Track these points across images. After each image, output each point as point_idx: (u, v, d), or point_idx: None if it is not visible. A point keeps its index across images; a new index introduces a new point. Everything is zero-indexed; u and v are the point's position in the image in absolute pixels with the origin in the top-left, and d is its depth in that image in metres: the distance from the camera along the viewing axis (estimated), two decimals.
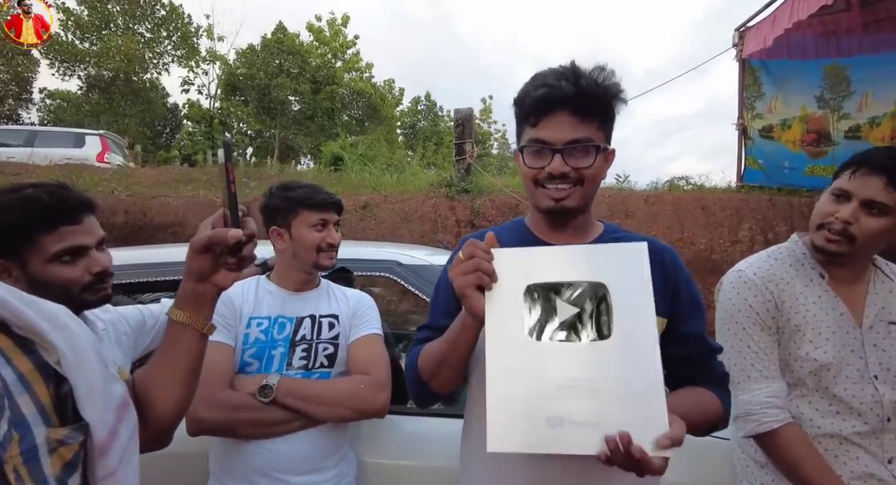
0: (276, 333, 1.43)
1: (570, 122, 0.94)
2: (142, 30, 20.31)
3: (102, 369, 0.71)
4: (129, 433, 0.73)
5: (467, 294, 0.83)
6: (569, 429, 0.75)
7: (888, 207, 1.16)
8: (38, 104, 20.67)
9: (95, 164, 9.30)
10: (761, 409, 1.22)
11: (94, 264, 1.08)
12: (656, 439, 0.73)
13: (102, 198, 5.69)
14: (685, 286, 1.03)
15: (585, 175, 0.96)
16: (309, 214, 1.48)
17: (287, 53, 20.37)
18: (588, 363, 0.77)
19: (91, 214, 1.12)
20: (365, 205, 5.68)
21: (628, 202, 5.88)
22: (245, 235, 0.79)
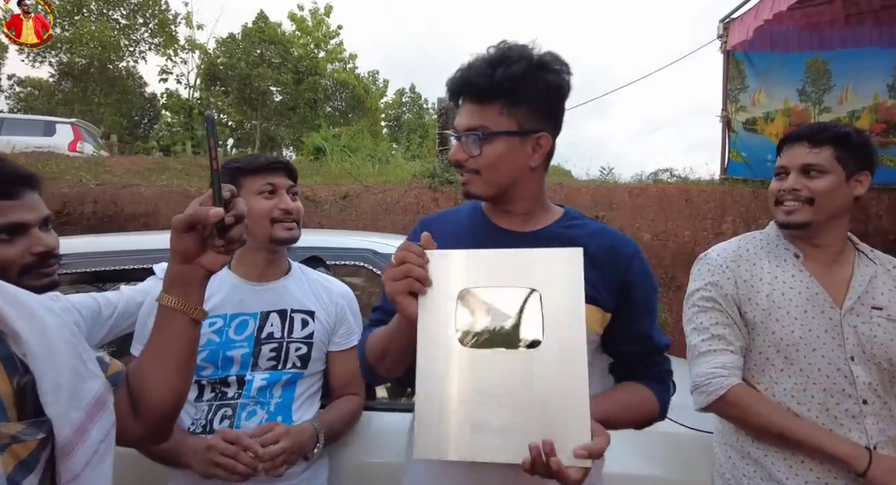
0: (234, 332, 1.28)
1: (470, 108, 0.95)
2: (116, 16, 19.66)
3: (76, 364, 0.68)
4: (101, 435, 0.69)
5: (398, 300, 0.82)
6: (493, 437, 0.74)
7: (823, 166, 1.22)
8: (6, 91, 20.02)
9: (67, 153, 8.98)
10: (707, 379, 1.24)
11: (36, 244, 0.97)
12: (575, 449, 0.72)
13: (70, 187, 5.47)
14: (639, 283, 1.00)
15: (478, 164, 0.95)
16: (252, 181, 1.29)
17: (268, 43, 20.03)
18: (516, 371, 0.76)
19: (33, 191, 1.01)
20: (346, 195, 5.55)
21: (613, 195, 5.85)
22: (233, 215, 0.77)
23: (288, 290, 1.36)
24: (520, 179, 0.98)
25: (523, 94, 0.93)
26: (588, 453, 0.72)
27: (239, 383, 1.26)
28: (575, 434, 0.73)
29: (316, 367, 1.35)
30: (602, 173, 7.68)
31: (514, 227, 1.02)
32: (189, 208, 0.76)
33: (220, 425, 1.23)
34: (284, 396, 1.29)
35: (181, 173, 6.51)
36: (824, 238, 1.28)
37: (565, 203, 1.12)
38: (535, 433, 0.73)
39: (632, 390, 1.00)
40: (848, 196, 1.24)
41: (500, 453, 0.74)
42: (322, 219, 5.31)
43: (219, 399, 1.26)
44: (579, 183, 6.60)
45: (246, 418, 1.24)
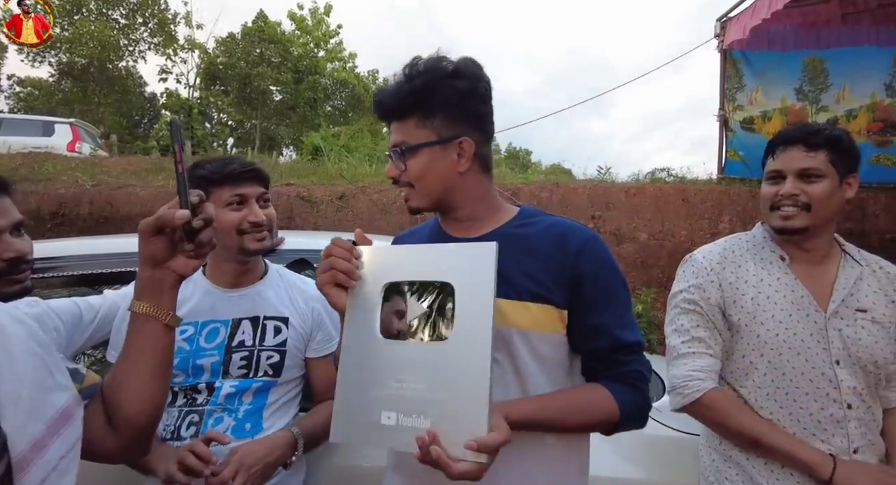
0: (204, 340, 1.27)
1: (393, 127, 0.99)
2: (116, 15, 19.62)
3: (43, 376, 0.67)
4: (63, 451, 0.67)
5: (325, 291, 0.87)
6: (400, 425, 0.77)
7: (820, 170, 1.21)
8: (6, 91, 20.02)
9: (65, 153, 8.96)
10: (683, 382, 1.24)
11: (5, 249, 0.95)
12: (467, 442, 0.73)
13: (66, 188, 5.47)
14: (592, 275, 0.94)
15: (409, 177, 0.98)
16: (220, 192, 1.26)
17: (268, 42, 20.00)
18: (424, 362, 0.79)
19: (4, 196, 0.99)
20: (342, 195, 5.55)
21: (609, 194, 5.83)
22: (201, 218, 0.76)
23: (262, 295, 1.34)
24: (453, 185, 0.99)
25: (434, 104, 0.95)
26: (478, 446, 0.71)
27: (209, 389, 1.25)
28: (470, 427, 0.73)
29: (292, 374, 1.33)
30: (599, 173, 7.67)
31: (461, 233, 1.03)
32: (157, 212, 0.76)
33: (186, 432, 1.22)
34: (255, 403, 1.28)
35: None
36: (815, 242, 1.26)
37: (563, 203, 1.13)
38: (435, 424, 0.75)
39: (583, 391, 0.95)
40: (841, 200, 1.23)
41: (403, 442, 0.76)
42: (318, 219, 5.31)
43: (188, 405, 1.25)
44: (576, 182, 6.58)
45: (213, 424, 1.23)
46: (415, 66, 0.96)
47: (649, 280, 5.17)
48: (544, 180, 6.57)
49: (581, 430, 0.96)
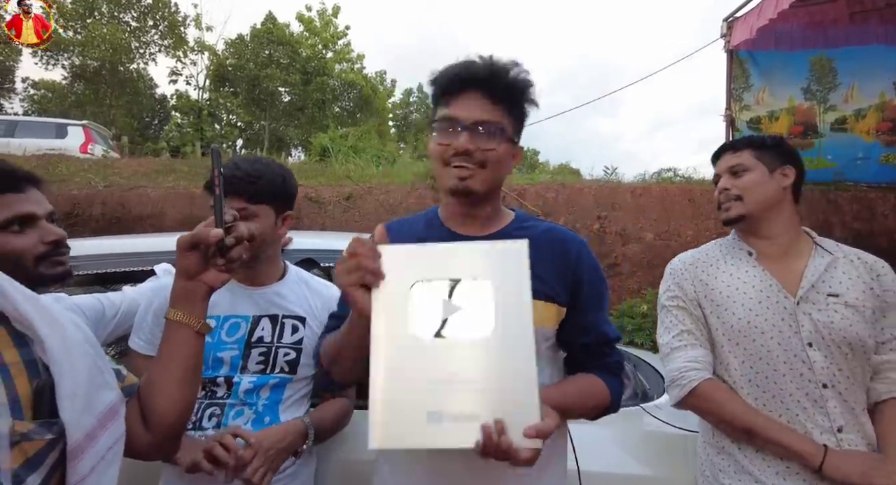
0: (225, 334, 1.31)
1: (481, 102, 0.96)
2: (127, 18, 19.86)
3: (94, 375, 0.73)
4: (111, 442, 0.73)
5: (350, 293, 0.83)
6: (447, 424, 0.77)
7: (745, 165, 1.39)
8: (20, 94, 20.31)
9: (78, 155, 9.11)
10: (680, 373, 1.31)
11: (47, 234, 1.06)
12: (525, 429, 0.75)
13: (79, 189, 5.58)
14: (588, 278, 1.05)
15: (489, 158, 0.97)
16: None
17: (277, 44, 20.13)
18: (467, 360, 0.79)
19: (36, 188, 1.10)
20: (349, 196, 5.60)
21: (615, 195, 5.84)
22: (233, 237, 0.83)
23: (280, 295, 1.39)
24: (500, 182, 1.03)
25: (522, 108, 0.99)
26: (536, 432, 0.74)
27: (227, 384, 1.30)
28: (524, 416, 0.76)
29: (305, 372, 1.37)
30: (606, 173, 7.68)
31: (472, 232, 1.05)
32: (194, 230, 0.83)
33: (208, 423, 1.27)
34: (272, 397, 1.33)
35: (188, 175, 6.61)
36: (769, 229, 1.37)
37: (569, 203, 1.18)
38: (488, 418, 0.76)
39: (583, 381, 1.04)
40: (776, 188, 1.36)
41: (454, 439, 0.76)
42: (326, 219, 5.37)
43: (209, 398, 1.30)
44: (582, 183, 6.59)
45: (234, 417, 1.28)
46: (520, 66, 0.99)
47: (655, 280, 5.17)
48: (550, 181, 6.59)
49: (585, 416, 1.05)
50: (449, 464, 0.98)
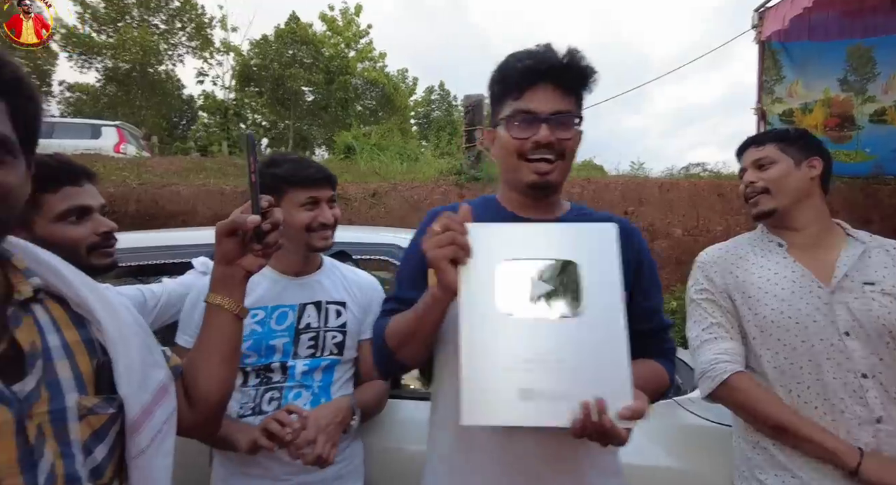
0: (275, 323, 1.37)
1: (555, 93, 0.97)
2: (157, 21, 20.35)
3: (145, 354, 0.76)
4: (164, 418, 0.76)
5: (441, 267, 0.83)
6: (540, 402, 0.77)
7: (770, 158, 1.38)
8: (57, 97, 21.03)
9: (112, 154, 9.42)
10: (711, 365, 1.30)
11: (100, 225, 1.14)
12: (620, 410, 0.76)
13: (115, 187, 5.76)
14: (647, 265, 1.08)
15: (567, 147, 0.98)
16: (296, 192, 1.36)
17: (300, 43, 20.36)
18: (559, 338, 0.79)
19: (91, 183, 1.19)
20: (374, 193, 5.66)
21: (643, 190, 5.77)
22: (269, 222, 0.84)
23: (321, 284, 1.45)
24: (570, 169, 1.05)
25: (587, 92, 1.01)
26: (632, 413, 0.75)
27: (282, 369, 1.36)
28: (619, 396, 0.77)
29: (350, 354, 1.44)
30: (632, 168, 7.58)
31: (538, 216, 1.06)
32: (231, 216, 0.85)
33: (268, 407, 1.33)
34: (324, 379, 1.39)
35: (217, 173, 6.76)
36: (798, 221, 1.37)
37: (595, 199, 1.20)
38: (581, 397, 0.77)
39: (647, 366, 1.05)
40: (803, 179, 1.36)
41: (548, 417, 0.77)
42: (352, 216, 5.44)
43: (265, 384, 1.35)
44: (608, 178, 6.52)
45: (293, 398, 1.35)
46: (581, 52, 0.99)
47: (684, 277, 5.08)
48: (575, 176, 6.54)
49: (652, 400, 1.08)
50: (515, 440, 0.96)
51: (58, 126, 10.69)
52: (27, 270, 0.70)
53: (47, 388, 0.64)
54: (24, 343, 0.64)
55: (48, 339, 0.67)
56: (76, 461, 0.65)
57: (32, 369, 0.63)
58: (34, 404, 0.62)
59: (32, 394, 0.62)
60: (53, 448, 0.63)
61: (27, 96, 0.64)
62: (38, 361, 0.64)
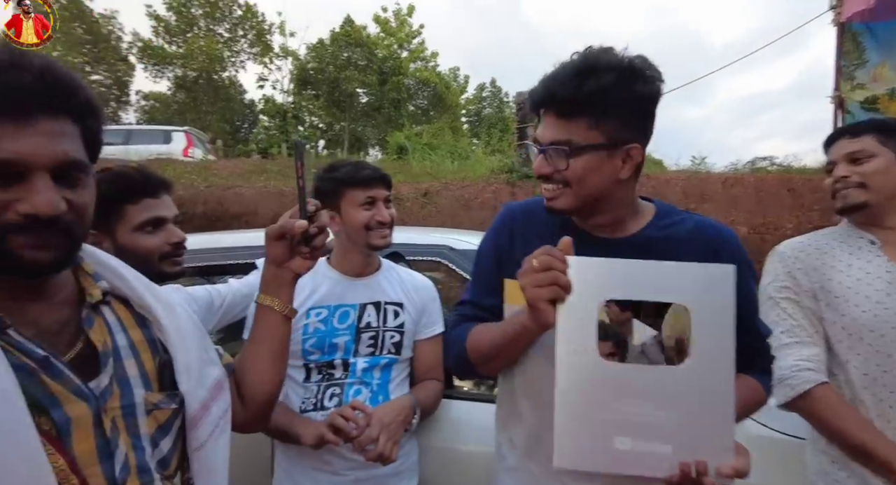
0: (337, 322, 1.42)
1: (555, 122, 0.92)
2: (221, 30, 21.50)
3: (201, 353, 0.80)
4: (221, 413, 0.80)
5: (540, 307, 0.79)
6: (636, 450, 0.75)
7: (867, 151, 1.26)
8: (134, 105, 22.63)
9: (181, 158, 10.03)
10: (792, 372, 1.21)
11: (172, 235, 1.22)
12: (719, 468, 0.72)
13: (184, 190, 6.12)
14: (742, 275, 0.95)
15: (567, 177, 0.91)
16: (355, 193, 1.42)
17: (355, 46, 20.83)
18: (661, 386, 0.76)
19: (167, 193, 1.27)
20: (425, 193, 5.72)
21: (705, 185, 5.51)
22: (316, 226, 0.86)
23: (380, 284, 1.50)
24: (609, 191, 0.94)
25: (612, 107, 0.89)
26: (735, 472, 0.72)
27: (344, 366, 1.41)
28: (720, 453, 0.73)
29: (407, 353, 1.48)
30: (693, 163, 7.24)
31: (603, 234, 0.99)
32: (280, 220, 0.87)
33: (329, 403, 1.38)
34: (383, 377, 1.44)
35: (277, 175, 7.04)
36: (894, 219, 1.27)
37: (654, 196, 1.09)
38: (680, 450, 0.74)
39: (745, 385, 0.98)
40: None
41: (642, 467, 0.75)
42: (404, 216, 5.51)
43: (326, 380, 1.41)
44: (668, 174, 6.27)
45: (353, 394, 1.39)
46: (597, 60, 0.89)
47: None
48: None
49: (744, 418, 1.02)
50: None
51: (134, 133, 11.55)
52: (95, 274, 0.74)
53: (118, 384, 0.69)
54: (97, 343, 0.69)
55: (116, 338, 0.72)
56: (146, 453, 0.69)
57: (105, 367, 0.68)
58: (108, 399, 0.67)
59: (106, 390, 0.67)
60: (126, 441, 0.67)
61: (95, 116, 0.68)
62: (110, 360, 0.69)
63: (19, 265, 0.62)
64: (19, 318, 0.63)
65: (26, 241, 0.61)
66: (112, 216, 1.16)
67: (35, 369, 0.61)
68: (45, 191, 0.60)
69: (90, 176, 0.68)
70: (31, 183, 0.60)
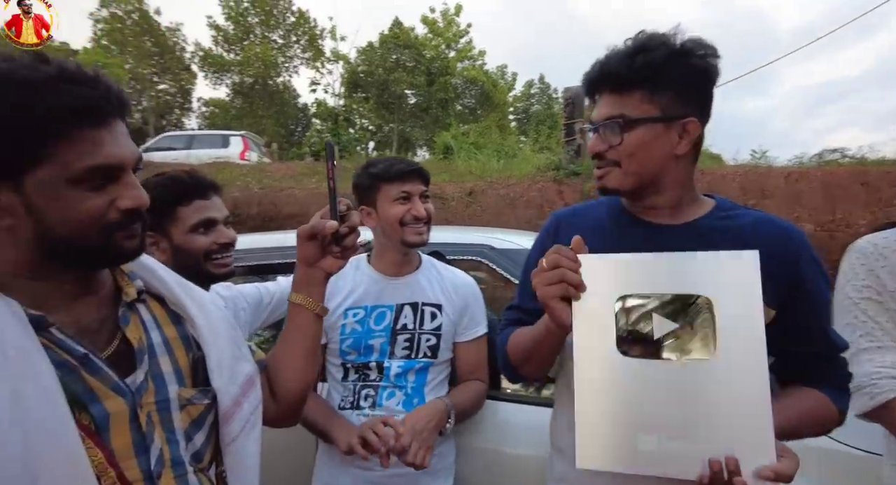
0: (374, 323, 1.42)
1: (609, 99, 0.92)
2: (275, 37, 22.38)
3: (233, 349, 0.82)
4: (252, 408, 0.82)
5: (551, 305, 0.80)
6: (663, 450, 0.72)
7: None
8: (196, 112, 23.94)
9: (238, 161, 10.50)
10: (871, 380, 1.08)
11: (221, 236, 1.27)
12: (758, 469, 0.67)
13: (239, 192, 6.40)
14: (811, 276, 0.90)
15: (621, 152, 0.90)
16: (389, 188, 1.40)
17: (403, 48, 21.11)
18: (686, 383, 0.72)
19: (217, 195, 1.32)
20: (470, 192, 5.71)
21: (766, 180, 5.21)
22: (346, 226, 0.87)
23: (419, 284, 1.47)
24: (664, 168, 0.91)
25: (666, 80, 0.88)
26: (775, 475, 0.66)
27: (378, 368, 1.41)
28: (757, 453, 0.68)
29: (444, 356, 1.45)
30: (753, 156, 6.85)
31: (661, 220, 0.95)
32: (311, 221, 0.88)
33: (364, 403, 1.39)
34: (418, 380, 1.42)
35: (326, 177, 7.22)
36: None
37: (709, 192, 1.04)
38: (710, 449, 0.69)
39: (805, 397, 0.91)
40: None
41: (669, 467, 0.71)
42: (448, 215, 5.53)
43: (362, 380, 1.42)
44: (725, 168, 5.97)
45: (387, 397, 1.39)
46: (648, 40, 0.90)
47: None
48: None
49: (807, 436, 0.93)
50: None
51: (196, 138, 12.19)
52: (131, 273, 0.78)
53: (153, 380, 0.71)
54: (133, 340, 0.71)
55: (151, 335, 0.75)
56: (180, 447, 0.72)
57: (141, 364, 0.70)
58: (144, 395, 0.69)
59: (142, 386, 0.69)
60: (161, 435, 0.70)
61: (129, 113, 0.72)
62: (145, 357, 0.72)
63: (118, 256, 0.69)
64: (62, 317, 0.67)
65: (124, 233, 0.68)
66: (166, 218, 1.22)
67: (76, 366, 0.65)
68: (138, 186, 0.68)
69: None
70: (124, 181, 0.67)
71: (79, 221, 0.64)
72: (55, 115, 0.61)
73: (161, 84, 22.24)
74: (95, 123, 0.64)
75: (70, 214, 0.64)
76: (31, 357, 0.61)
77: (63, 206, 0.63)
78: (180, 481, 0.71)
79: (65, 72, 0.63)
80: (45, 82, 0.61)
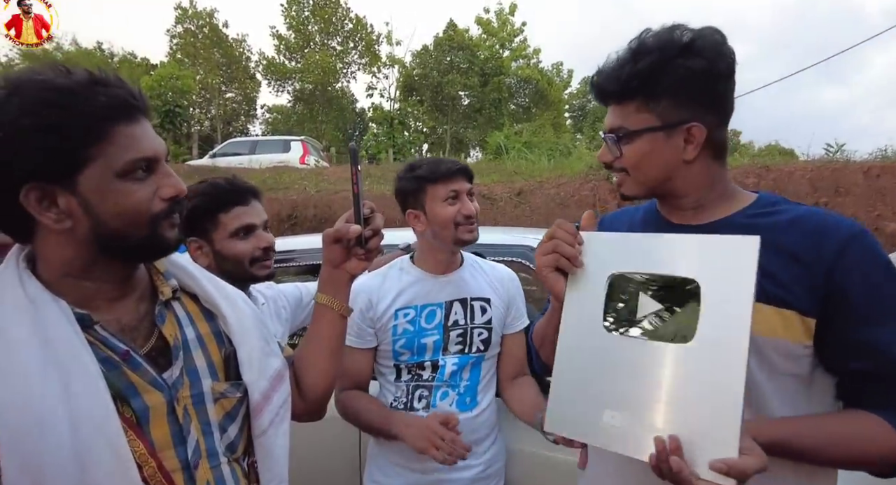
0: (425, 322, 1.42)
1: (612, 110, 0.93)
2: (334, 44, 23.16)
3: (263, 345, 0.85)
4: (281, 402, 0.85)
5: (544, 275, 0.84)
6: (626, 428, 0.71)
7: None
8: (259, 118, 25.19)
9: (298, 166, 10.94)
10: None
11: (261, 241, 1.32)
12: (713, 461, 0.64)
13: (297, 195, 6.68)
14: (858, 279, 0.79)
15: (624, 164, 0.92)
16: (437, 188, 1.39)
17: (457, 49, 21.22)
18: (661, 364, 0.72)
19: (257, 200, 1.37)
20: (519, 192, 5.67)
21: (840, 177, 4.83)
22: (371, 229, 0.89)
23: (465, 280, 1.47)
24: (674, 174, 0.89)
25: (660, 88, 0.85)
26: (727, 468, 0.63)
27: (433, 366, 1.42)
28: (718, 445, 0.65)
29: (495, 350, 1.47)
30: (828, 151, 6.37)
31: (684, 220, 0.94)
32: (336, 224, 0.91)
33: (418, 404, 1.40)
34: (471, 378, 1.43)
35: (381, 179, 7.40)
36: None
37: (775, 190, 1.02)
38: (670, 433, 0.68)
39: (853, 420, 0.81)
40: None
41: (628, 446, 0.71)
42: (497, 215, 5.51)
43: (415, 381, 1.42)
44: (794, 164, 5.58)
45: (440, 398, 1.40)
46: (642, 43, 0.87)
47: None
48: (750, 164, 5.72)
49: (844, 466, 0.84)
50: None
51: (259, 143, 12.82)
52: (166, 272, 0.82)
53: (188, 375, 0.75)
54: (169, 337, 0.75)
55: (185, 332, 0.78)
56: (215, 439, 0.76)
57: (176, 359, 0.74)
58: (180, 389, 0.73)
59: (178, 380, 0.73)
60: (197, 427, 0.74)
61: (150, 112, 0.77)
62: (181, 353, 0.75)
63: (161, 247, 0.74)
64: (105, 315, 0.72)
65: (168, 222, 0.72)
66: (208, 225, 1.28)
67: (118, 362, 0.69)
68: (174, 175, 0.72)
69: None
70: (161, 172, 0.71)
71: (130, 213, 0.69)
72: (99, 115, 0.66)
73: (228, 93, 23.59)
74: (130, 120, 0.68)
75: (122, 207, 0.68)
76: (78, 353, 0.65)
77: (115, 200, 0.68)
78: (215, 471, 0.75)
79: (93, 76, 0.68)
80: (83, 87, 0.66)
